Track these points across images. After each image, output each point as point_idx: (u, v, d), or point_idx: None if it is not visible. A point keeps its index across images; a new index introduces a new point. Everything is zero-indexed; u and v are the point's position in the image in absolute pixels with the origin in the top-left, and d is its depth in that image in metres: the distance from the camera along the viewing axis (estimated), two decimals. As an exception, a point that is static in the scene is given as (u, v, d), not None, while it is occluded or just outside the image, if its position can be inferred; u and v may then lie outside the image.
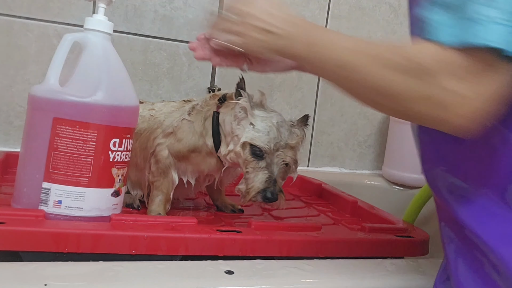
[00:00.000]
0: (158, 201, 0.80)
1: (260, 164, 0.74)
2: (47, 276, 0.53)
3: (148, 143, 0.84)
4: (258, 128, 0.74)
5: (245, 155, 0.74)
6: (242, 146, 0.74)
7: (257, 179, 0.73)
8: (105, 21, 0.69)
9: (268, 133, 0.74)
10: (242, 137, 0.74)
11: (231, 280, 0.59)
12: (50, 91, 0.66)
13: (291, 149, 0.76)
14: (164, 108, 0.88)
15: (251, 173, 0.74)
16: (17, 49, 1.11)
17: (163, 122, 0.84)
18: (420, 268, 0.72)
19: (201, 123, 0.80)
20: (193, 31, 1.24)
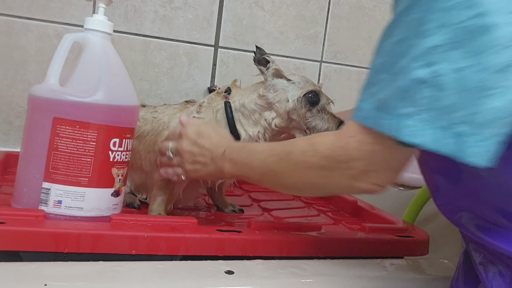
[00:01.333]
0: (159, 201, 0.80)
1: (318, 108, 0.80)
2: (47, 276, 0.53)
3: (155, 146, 0.83)
4: (298, 80, 0.80)
5: (302, 106, 0.79)
6: (297, 99, 0.78)
7: (325, 120, 0.80)
8: (105, 21, 0.69)
9: (307, 81, 0.80)
10: (292, 94, 0.79)
11: (231, 280, 0.59)
12: (50, 91, 0.66)
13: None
14: (167, 110, 0.88)
15: (315, 120, 0.80)
16: (17, 49, 1.11)
17: (169, 123, 0.84)
18: (420, 268, 0.72)
19: (213, 116, 0.82)
20: (193, 31, 1.24)
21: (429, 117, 0.46)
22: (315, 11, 1.37)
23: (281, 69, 0.80)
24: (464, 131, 0.45)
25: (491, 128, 0.45)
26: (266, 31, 1.32)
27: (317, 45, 1.38)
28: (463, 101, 0.45)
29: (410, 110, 0.47)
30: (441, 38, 0.45)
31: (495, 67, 0.44)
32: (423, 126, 0.46)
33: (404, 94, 0.47)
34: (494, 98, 0.44)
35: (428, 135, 0.46)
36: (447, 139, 0.45)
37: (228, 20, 1.27)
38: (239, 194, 1.06)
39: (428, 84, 0.46)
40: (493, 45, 0.44)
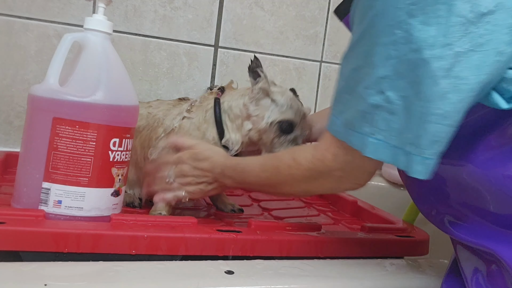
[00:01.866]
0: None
1: (289, 137, 0.78)
2: (47, 276, 0.53)
3: (150, 142, 0.83)
4: (282, 103, 0.77)
5: (273, 131, 0.77)
6: (270, 123, 0.77)
7: None
8: (105, 21, 0.69)
9: (292, 106, 0.78)
10: (268, 115, 0.77)
11: (231, 280, 0.59)
12: (50, 91, 0.65)
13: (305, 118, 0.80)
14: (161, 106, 0.88)
15: (279, 147, 0.78)
16: (17, 49, 1.11)
17: (164, 120, 0.84)
18: (420, 268, 0.72)
19: (202, 116, 0.81)
20: (193, 31, 1.24)
21: (385, 137, 0.53)
22: (315, 11, 1.37)
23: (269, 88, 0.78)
24: (411, 151, 0.51)
25: (432, 149, 0.51)
26: (266, 31, 1.32)
27: (317, 45, 1.38)
28: (409, 125, 0.51)
29: (370, 130, 0.53)
30: (388, 69, 0.51)
31: (434, 95, 0.49)
32: (381, 144, 0.53)
33: (365, 116, 0.54)
34: (434, 123, 0.50)
35: (386, 152, 0.53)
36: (400, 156, 0.52)
37: (228, 20, 1.27)
38: (239, 194, 1.06)
39: (382, 109, 0.52)
40: (430, 76, 0.49)
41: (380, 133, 0.53)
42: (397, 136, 0.52)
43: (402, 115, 0.51)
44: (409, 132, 0.51)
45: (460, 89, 0.48)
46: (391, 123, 0.52)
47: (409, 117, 0.51)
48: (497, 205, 0.55)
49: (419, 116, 0.50)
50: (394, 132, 0.52)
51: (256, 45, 1.31)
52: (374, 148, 0.53)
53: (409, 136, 0.51)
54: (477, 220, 0.57)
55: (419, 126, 0.50)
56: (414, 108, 0.50)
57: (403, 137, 0.52)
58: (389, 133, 0.52)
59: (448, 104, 0.49)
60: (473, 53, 0.48)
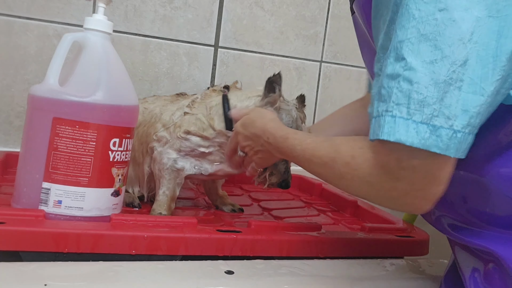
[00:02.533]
0: (163, 199, 0.80)
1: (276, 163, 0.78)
2: (47, 276, 0.53)
3: (148, 138, 0.83)
4: (284, 122, 0.77)
5: None
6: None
7: (277, 170, 0.79)
8: (105, 21, 0.69)
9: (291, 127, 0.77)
10: None
11: (231, 280, 0.59)
12: (50, 91, 0.65)
13: None
14: (157, 101, 0.88)
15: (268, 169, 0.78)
16: (17, 49, 1.11)
17: (161, 116, 0.84)
18: (420, 268, 0.72)
19: (206, 112, 0.81)
20: (193, 31, 1.24)
21: (404, 112, 0.46)
22: (315, 11, 1.37)
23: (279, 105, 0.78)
24: (439, 124, 0.45)
25: (462, 120, 0.45)
26: (266, 31, 1.32)
27: (317, 45, 1.38)
28: (436, 94, 0.45)
29: (386, 107, 0.47)
30: (409, 31, 0.46)
31: (461, 60, 0.45)
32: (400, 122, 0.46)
33: (381, 92, 0.48)
34: (461, 90, 0.45)
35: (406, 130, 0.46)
36: (426, 134, 0.45)
37: (228, 20, 1.27)
38: (239, 194, 1.06)
39: (401, 78, 0.46)
40: (460, 38, 0.45)
41: (398, 108, 0.46)
42: (420, 109, 0.45)
43: (426, 82, 0.45)
44: (436, 102, 0.45)
45: (481, 55, 0.45)
46: (413, 94, 0.45)
47: (435, 85, 0.45)
48: (496, 206, 0.54)
49: (447, 82, 0.45)
50: (417, 105, 0.45)
51: (256, 45, 1.31)
52: (390, 127, 0.46)
53: (436, 108, 0.45)
54: (475, 221, 0.57)
55: (447, 94, 0.45)
56: (441, 73, 0.45)
57: (429, 110, 0.45)
58: (410, 107, 0.45)
59: (473, 71, 0.45)
60: (492, 19, 0.45)
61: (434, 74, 0.45)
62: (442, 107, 0.45)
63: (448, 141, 0.45)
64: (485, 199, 0.55)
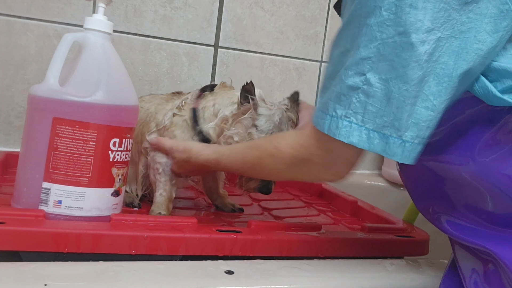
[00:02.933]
0: (161, 200, 0.80)
1: None
2: (47, 276, 0.53)
3: (143, 137, 0.84)
4: (262, 129, 0.76)
5: None
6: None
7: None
8: (105, 21, 0.69)
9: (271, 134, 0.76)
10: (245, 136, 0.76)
11: (231, 280, 0.59)
12: (50, 91, 0.65)
13: None
14: (153, 100, 0.88)
15: None
16: (17, 49, 1.11)
17: (156, 115, 0.84)
18: (420, 268, 0.72)
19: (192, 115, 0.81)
20: (193, 31, 1.24)
21: (360, 120, 0.52)
22: (315, 11, 1.36)
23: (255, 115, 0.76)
24: (389, 133, 0.51)
25: (411, 132, 0.51)
26: (266, 31, 1.32)
27: (317, 45, 1.38)
28: (388, 108, 0.51)
29: (344, 112, 0.53)
30: (371, 50, 0.51)
31: (417, 78, 0.50)
32: (356, 128, 0.52)
33: (339, 98, 0.53)
34: (415, 105, 0.50)
35: (360, 136, 0.52)
36: (376, 140, 0.52)
37: (228, 20, 1.27)
38: (239, 194, 1.06)
39: (360, 91, 0.52)
40: (416, 59, 0.49)
41: (355, 116, 0.52)
42: (373, 119, 0.51)
43: (380, 97, 0.51)
44: (387, 115, 0.51)
45: (439, 74, 0.49)
46: (368, 106, 0.51)
47: (388, 100, 0.51)
48: (496, 204, 0.55)
49: (399, 98, 0.50)
50: (371, 115, 0.51)
51: (256, 45, 1.31)
52: (347, 131, 0.52)
53: (387, 119, 0.51)
54: (475, 219, 0.57)
55: (399, 109, 0.50)
56: (394, 91, 0.50)
57: (380, 120, 0.51)
58: (365, 116, 0.52)
59: (428, 88, 0.50)
60: (453, 39, 0.49)
61: (388, 91, 0.51)
62: (393, 120, 0.51)
63: (395, 149, 0.51)
64: (485, 197, 0.55)
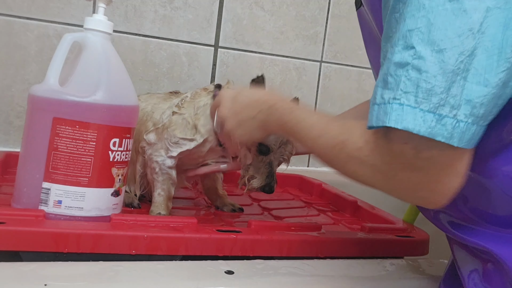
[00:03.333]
0: (160, 200, 0.80)
1: (264, 159, 0.77)
2: (47, 276, 0.53)
3: (140, 136, 0.83)
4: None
5: (251, 149, 0.77)
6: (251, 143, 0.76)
7: (259, 173, 0.77)
8: (105, 21, 0.69)
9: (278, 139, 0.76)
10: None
11: (231, 280, 0.59)
12: (50, 91, 0.66)
13: (289, 144, 0.79)
14: (150, 99, 0.87)
15: (253, 166, 0.77)
16: (17, 49, 1.11)
17: (153, 114, 0.83)
18: (420, 268, 0.72)
19: (193, 112, 0.80)
20: (193, 31, 1.24)
21: (412, 100, 0.46)
22: (315, 11, 1.37)
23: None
24: (445, 114, 0.45)
25: (465, 110, 0.45)
26: (266, 31, 1.32)
27: (317, 45, 1.38)
28: (444, 83, 0.45)
29: (393, 94, 0.47)
30: (419, 20, 0.46)
31: (469, 51, 0.45)
32: (408, 110, 0.46)
33: (386, 80, 0.48)
34: (465, 81, 0.45)
35: (414, 119, 0.46)
36: (433, 123, 0.45)
37: (228, 20, 1.28)
38: (239, 194, 1.06)
39: (409, 67, 0.46)
40: (469, 28, 0.45)
41: (406, 97, 0.46)
42: (428, 98, 0.45)
43: (435, 72, 0.45)
44: (442, 92, 0.45)
45: (488, 47, 0.45)
46: (421, 83, 0.45)
47: (442, 74, 0.45)
48: (498, 205, 0.54)
49: (455, 72, 0.45)
50: (424, 94, 0.45)
51: (256, 45, 1.31)
52: (398, 115, 0.46)
53: (443, 97, 0.45)
54: (475, 220, 0.57)
55: (454, 84, 0.45)
56: (450, 63, 0.45)
57: (436, 99, 0.45)
58: (418, 96, 0.46)
59: (478, 62, 0.45)
60: (499, 10, 0.45)
61: (443, 64, 0.45)
62: (449, 97, 0.45)
63: (452, 130, 0.45)
64: (486, 197, 0.55)
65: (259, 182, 0.78)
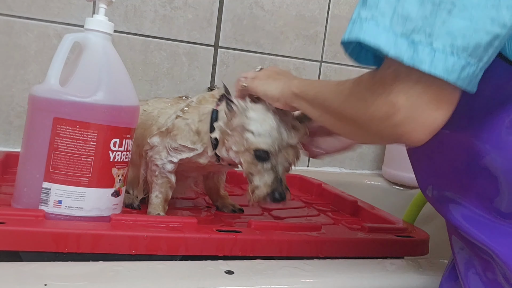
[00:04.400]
0: (157, 202, 0.80)
1: (265, 166, 0.72)
2: (47, 276, 0.53)
3: (144, 140, 0.83)
4: (259, 132, 0.72)
5: (249, 159, 0.72)
6: (245, 151, 0.72)
7: (263, 181, 0.72)
8: (106, 22, 0.69)
9: (270, 135, 0.72)
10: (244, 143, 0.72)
11: (231, 280, 0.59)
12: (50, 91, 0.66)
13: (292, 148, 0.74)
14: (157, 104, 0.87)
15: (255, 176, 0.72)
16: (17, 49, 1.11)
17: (158, 119, 0.83)
18: (420, 268, 0.72)
19: (197, 119, 0.78)
20: (193, 31, 1.24)
21: (388, 22, 0.46)
22: (315, 11, 1.37)
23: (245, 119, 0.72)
24: (419, 39, 0.45)
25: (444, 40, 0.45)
26: (266, 31, 1.32)
27: (317, 45, 1.38)
28: (421, 12, 0.45)
29: (370, 14, 0.47)
30: None
31: None
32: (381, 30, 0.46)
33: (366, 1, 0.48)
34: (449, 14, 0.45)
35: (386, 38, 0.46)
36: (403, 46, 0.46)
37: (228, 20, 1.28)
38: (239, 194, 1.06)
39: None
40: None
41: (382, 18, 0.47)
42: (403, 23, 0.46)
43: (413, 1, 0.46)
44: (419, 19, 0.45)
45: None
46: (398, 8, 0.46)
47: (420, 3, 0.45)
48: (505, 193, 0.53)
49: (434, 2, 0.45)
50: (400, 19, 0.46)
51: (256, 45, 1.31)
52: (372, 31, 0.46)
53: (417, 24, 0.46)
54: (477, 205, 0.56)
55: (432, 14, 0.45)
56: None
57: (410, 25, 0.46)
58: (393, 19, 0.46)
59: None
60: None
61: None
62: (425, 25, 0.45)
63: (424, 56, 0.45)
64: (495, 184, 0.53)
65: (264, 191, 0.72)
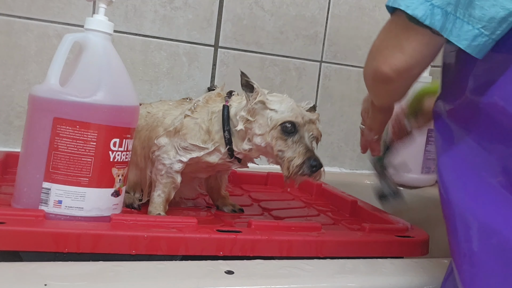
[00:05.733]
0: (159, 201, 0.80)
1: (294, 138, 0.75)
2: (47, 276, 0.53)
3: (150, 142, 0.83)
4: (282, 110, 0.75)
5: (277, 135, 0.75)
6: (271, 130, 0.74)
7: (296, 152, 0.74)
8: (106, 22, 0.69)
9: (292, 109, 0.76)
10: (269, 122, 0.75)
11: (231, 280, 0.59)
12: (50, 91, 0.66)
13: (313, 124, 0.78)
14: (161, 106, 0.87)
15: (287, 151, 0.75)
16: (17, 49, 1.11)
17: (164, 120, 0.83)
18: (420, 268, 0.72)
19: (207, 118, 0.79)
20: (193, 31, 1.24)
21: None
22: (315, 11, 1.37)
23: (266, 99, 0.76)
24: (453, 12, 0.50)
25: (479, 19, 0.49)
26: (266, 31, 1.32)
27: (317, 45, 1.38)
28: None
29: None
30: None
31: None
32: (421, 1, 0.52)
33: None
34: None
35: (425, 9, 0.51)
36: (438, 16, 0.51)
37: (228, 20, 1.28)
38: (239, 194, 1.06)
39: None
40: None
41: None
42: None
43: None
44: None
45: None
46: None
47: None
48: None
49: None
50: None
51: (256, 45, 1.31)
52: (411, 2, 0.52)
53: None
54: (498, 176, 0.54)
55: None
56: None
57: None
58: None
59: None
60: None
61: None
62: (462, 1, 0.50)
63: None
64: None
65: (298, 160, 0.73)
